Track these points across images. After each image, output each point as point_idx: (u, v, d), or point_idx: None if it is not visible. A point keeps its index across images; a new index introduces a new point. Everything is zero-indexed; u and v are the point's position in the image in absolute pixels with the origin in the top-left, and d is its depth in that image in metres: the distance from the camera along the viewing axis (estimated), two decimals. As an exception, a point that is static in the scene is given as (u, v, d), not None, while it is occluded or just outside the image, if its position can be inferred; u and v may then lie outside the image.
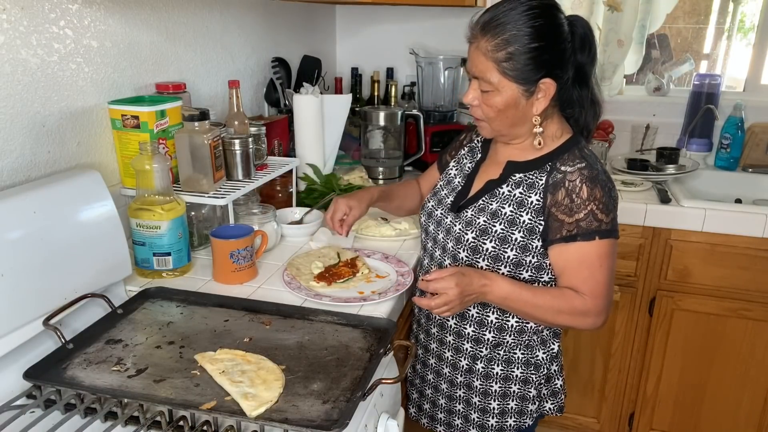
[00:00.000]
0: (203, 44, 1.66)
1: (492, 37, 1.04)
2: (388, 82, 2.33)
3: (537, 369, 1.21)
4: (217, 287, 1.23)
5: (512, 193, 1.13)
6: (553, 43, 1.05)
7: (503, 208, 1.13)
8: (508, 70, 1.05)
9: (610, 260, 1.09)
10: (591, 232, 1.06)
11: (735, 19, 2.52)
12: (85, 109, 1.27)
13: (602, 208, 1.06)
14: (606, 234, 1.07)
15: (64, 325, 1.02)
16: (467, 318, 1.20)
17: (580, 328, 1.14)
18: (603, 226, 1.06)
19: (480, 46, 1.06)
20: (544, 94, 1.07)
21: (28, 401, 0.86)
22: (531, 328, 1.18)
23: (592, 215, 1.06)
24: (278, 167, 1.59)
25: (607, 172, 1.12)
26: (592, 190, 1.06)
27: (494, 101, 1.08)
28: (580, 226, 1.06)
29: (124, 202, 1.31)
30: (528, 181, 1.12)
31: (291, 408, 0.82)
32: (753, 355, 1.92)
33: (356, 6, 2.50)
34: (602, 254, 1.08)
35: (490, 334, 1.19)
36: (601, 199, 1.06)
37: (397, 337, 1.08)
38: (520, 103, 1.08)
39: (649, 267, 1.93)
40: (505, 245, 1.11)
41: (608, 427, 2.15)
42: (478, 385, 1.22)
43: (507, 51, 1.04)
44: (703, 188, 2.18)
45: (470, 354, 1.21)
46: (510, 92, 1.07)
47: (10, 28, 1.07)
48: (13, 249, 0.94)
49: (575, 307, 1.09)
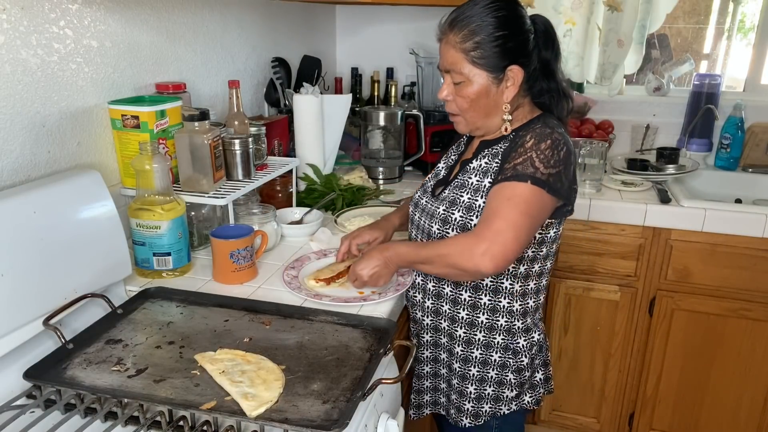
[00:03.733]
0: (203, 44, 1.66)
1: (459, 30, 1.12)
2: (388, 82, 2.33)
3: (516, 355, 1.22)
4: (217, 287, 1.23)
5: (479, 163, 1.19)
6: (517, 32, 1.12)
7: (471, 178, 1.18)
8: (476, 59, 1.11)
9: (527, 205, 1.05)
10: (524, 176, 1.06)
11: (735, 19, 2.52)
12: (85, 109, 1.27)
13: (542, 159, 1.08)
14: (539, 183, 1.06)
15: (64, 325, 1.02)
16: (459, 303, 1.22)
17: (467, 266, 1.04)
18: (538, 174, 1.06)
19: (449, 40, 1.13)
20: (512, 82, 1.13)
21: (28, 401, 0.86)
22: (504, 307, 1.19)
23: (530, 161, 1.08)
24: (278, 167, 1.59)
25: (568, 139, 1.13)
26: (538, 142, 1.09)
27: (467, 91, 1.14)
28: (516, 169, 1.08)
29: (124, 202, 1.31)
30: (493, 152, 1.18)
31: (291, 408, 0.82)
32: (753, 355, 1.92)
33: (356, 6, 2.49)
34: (521, 195, 1.05)
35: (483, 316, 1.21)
36: (545, 151, 1.08)
37: (397, 337, 1.08)
38: (491, 91, 1.14)
39: (649, 267, 1.93)
40: (471, 213, 1.15)
41: (608, 427, 2.15)
42: (457, 368, 1.25)
43: (474, 41, 1.11)
44: (703, 188, 2.18)
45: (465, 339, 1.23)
46: (481, 80, 1.13)
47: (10, 28, 1.07)
48: (13, 249, 0.94)
49: (462, 242, 1.06)
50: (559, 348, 2.10)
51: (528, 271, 1.19)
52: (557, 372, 2.11)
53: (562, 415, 2.18)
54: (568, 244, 1.96)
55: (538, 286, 1.23)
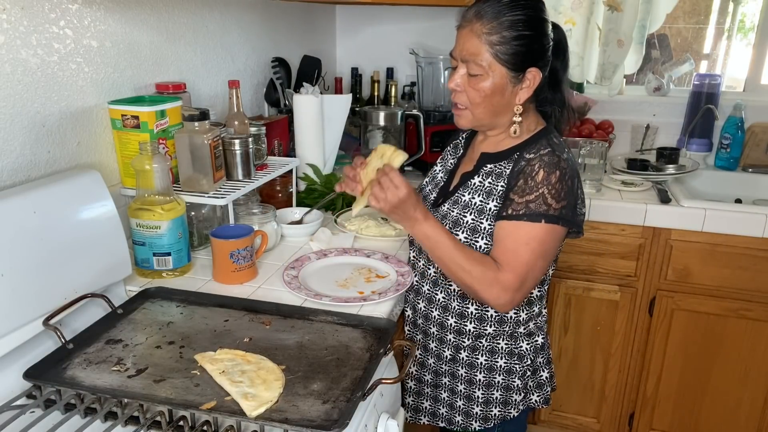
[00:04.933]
0: (203, 44, 1.66)
1: (488, 21, 1.08)
2: (388, 82, 2.33)
3: (521, 359, 1.22)
4: (217, 287, 1.23)
5: (483, 183, 1.16)
6: (542, 35, 1.10)
7: (474, 198, 1.16)
8: (500, 53, 1.08)
9: (542, 245, 1.08)
10: (537, 215, 1.07)
11: (735, 19, 2.52)
12: (85, 109, 1.27)
13: (554, 194, 1.07)
14: (552, 219, 1.07)
15: (64, 325, 1.02)
16: (449, 310, 1.22)
17: (484, 297, 1.10)
18: (551, 211, 1.07)
19: (474, 28, 1.09)
20: (530, 84, 1.11)
21: (28, 401, 0.86)
22: (512, 318, 1.19)
23: (542, 198, 1.07)
24: (278, 167, 1.59)
25: (573, 163, 1.12)
26: (549, 174, 1.08)
27: (482, 85, 1.10)
28: (528, 207, 1.07)
29: (124, 202, 1.31)
30: (497, 171, 1.15)
31: (291, 408, 0.82)
32: (753, 355, 1.92)
33: (356, 6, 2.50)
34: (535, 236, 1.07)
35: (471, 325, 1.21)
36: (555, 185, 1.07)
37: (397, 337, 1.08)
38: (507, 90, 1.11)
39: (649, 267, 1.93)
40: (476, 235, 1.13)
41: (608, 427, 2.15)
42: (463, 373, 1.24)
43: (501, 35, 1.07)
44: (703, 188, 2.18)
45: (453, 344, 1.23)
46: (499, 77, 1.09)
47: (10, 28, 1.07)
48: (13, 249, 0.94)
49: (486, 272, 1.08)
50: (559, 348, 2.10)
51: None
52: (557, 372, 2.11)
53: (562, 415, 2.18)
54: (568, 244, 1.95)
55: (542, 292, 1.24)
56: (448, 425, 1.30)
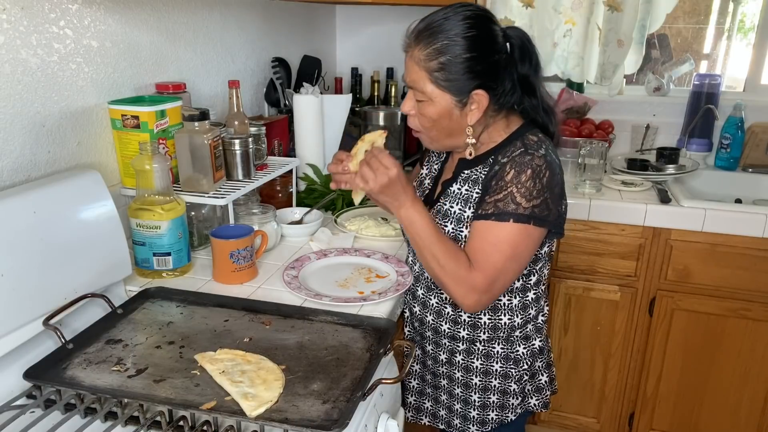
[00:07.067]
0: (203, 44, 1.66)
1: (425, 46, 1.04)
2: (388, 82, 2.33)
3: (517, 364, 1.21)
4: (217, 287, 1.23)
5: (460, 190, 1.15)
6: (487, 55, 1.04)
7: (453, 207, 1.15)
8: (440, 80, 1.04)
9: (512, 247, 1.05)
10: (506, 214, 1.04)
11: (735, 19, 2.52)
12: (85, 109, 1.27)
13: (523, 192, 1.03)
14: (521, 219, 1.03)
15: (64, 325, 1.02)
16: (442, 315, 1.21)
17: (452, 294, 1.09)
18: (519, 209, 1.03)
19: (413, 55, 1.06)
20: (477, 106, 1.07)
21: (28, 401, 0.86)
22: (506, 324, 1.19)
23: (511, 197, 1.04)
24: (278, 167, 1.59)
25: (552, 159, 1.07)
26: (519, 174, 1.04)
27: (428, 111, 1.08)
28: (497, 206, 1.05)
29: (124, 202, 1.31)
30: (473, 177, 1.13)
31: (291, 408, 0.82)
32: (753, 355, 1.92)
33: (356, 6, 2.49)
34: (505, 238, 1.04)
35: (464, 332, 1.20)
36: (525, 183, 1.03)
37: (397, 337, 1.08)
38: (454, 114, 1.08)
39: (649, 267, 1.93)
40: (457, 244, 1.12)
41: (608, 427, 2.15)
42: (459, 377, 1.24)
43: (439, 61, 1.03)
44: (703, 188, 2.18)
45: (449, 348, 1.23)
46: (443, 103, 1.06)
47: (10, 28, 1.07)
48: (13, 249, 0.94)
49: (458, 269, 1.06)
50: (559, 348, 2.10)
51: (525, 284, 1.18)
52: (557, 372, 2.11)
53: (562, 415, 2.18)
54: (568, 244, 1.96)
55: (537, 294, 1.22)
56: (447, 428, 1.30)
